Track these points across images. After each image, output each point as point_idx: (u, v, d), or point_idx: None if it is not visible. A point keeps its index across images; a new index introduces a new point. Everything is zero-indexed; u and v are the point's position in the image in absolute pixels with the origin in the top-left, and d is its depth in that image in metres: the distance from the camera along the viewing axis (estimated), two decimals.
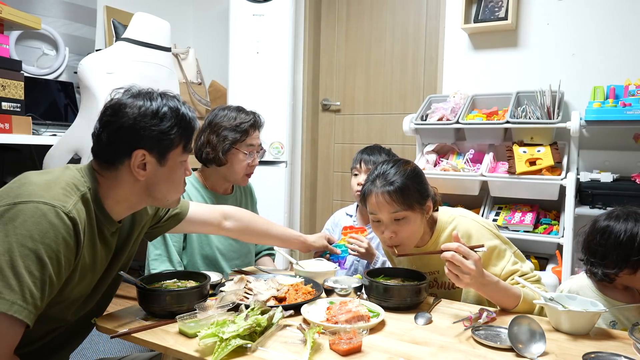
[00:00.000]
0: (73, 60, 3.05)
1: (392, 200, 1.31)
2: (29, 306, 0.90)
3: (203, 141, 1.72)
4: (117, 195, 1.11)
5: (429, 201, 1.38)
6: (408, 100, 3.39)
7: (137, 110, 1.08)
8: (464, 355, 1.00)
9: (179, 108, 1.13)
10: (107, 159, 1.09)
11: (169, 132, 1.10)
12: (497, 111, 2.64)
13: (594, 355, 0.98)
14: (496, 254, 1.37)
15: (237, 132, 1.70)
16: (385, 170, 1.36)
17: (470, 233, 1.38)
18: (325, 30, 3.73)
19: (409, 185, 1.32)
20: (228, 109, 1.75)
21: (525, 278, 1.32)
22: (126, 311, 1.20)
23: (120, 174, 1.09)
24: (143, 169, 1.09)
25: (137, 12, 2.45)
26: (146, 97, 1.11)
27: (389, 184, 1.32)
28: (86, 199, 1.04)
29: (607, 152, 2.53)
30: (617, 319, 1.31)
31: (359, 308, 1.12)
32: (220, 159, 1.69)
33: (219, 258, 1.73)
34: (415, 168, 1.40)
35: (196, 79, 3.58)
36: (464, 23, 2.84)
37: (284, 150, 3.41)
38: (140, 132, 1.08)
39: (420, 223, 1.37)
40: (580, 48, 2.65)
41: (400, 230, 1.34)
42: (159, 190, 1.14)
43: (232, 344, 0.96)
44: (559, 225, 2.43)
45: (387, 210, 1.33)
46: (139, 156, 1.08)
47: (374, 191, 1.34)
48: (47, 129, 2.57)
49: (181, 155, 1.15)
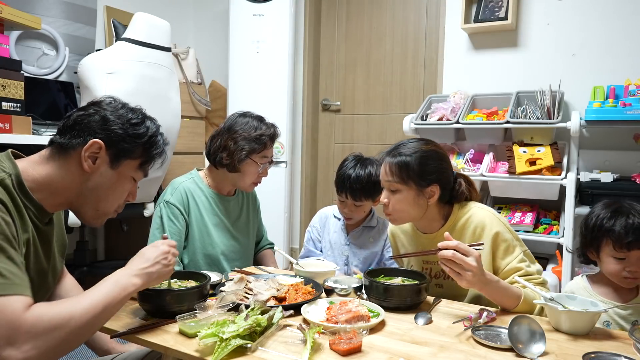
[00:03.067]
0: (73, 60, 3.05)
1: (391, 171, 1.39)
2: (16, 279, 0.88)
3: (220, 145, 1.70)
4: (55, 187, 1.06)
5: (432, 186, 1.38)
6: (408, 100, 3.39)
7: (117, 110, 1.10)
8: (464, 355, 1.00)
9: (156, 131, 1.15)
10: (63, 141, 1.06)
11: (134, 139, 1.10)
12: (497, 111, 2.64)
13: (594, 355, 0.98)
14: (505, 248, 1.37)
15: (256, 143, 1.68)
16: (401, 144, 1.44)
17: (484, 224, 1.39)
18: (325, 30, 3.73)
19: (410, 163, 1.37)
20: (250, 117, 1.73)
21: (528, 279, 1.33)
22: (126, 311, 1.20)
23: (68, 162, 1.06)
24: (93, 162, 1.06)
25: (137, 12, 2.45)
26: (134, 110, 1.14)
27: (394, 156, 1.40)
28: (5, 185, 0.97)
29: (607, 152, 2.53)
30: (612, 319, 1.32)
31: (359, 308, 1.12)
32: (235, 167, 1.69)
33: (221, 258, 1.73)
34: (429, 151, 1.41)
35: (196, 79, 3.58)
36: (464, 23, 2.84)
37: (284, 150, 3.41)
38: (108, 125, 1.07)
39: (413, 202, 1.39)
40: (581, 48, 2.65)
41: (392, 200, 1.40)
42: (96, 194, 1.09)
43: (232, 344, 0.96)
44: (559, 225, 2.43)
45: (385, 178, 1.42)
46: (95, 146, 1.05)
47: (383, 160, 1.44)
48: (47, 129, 2.57)
49: (134, 171, 1.14)
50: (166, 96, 2.57)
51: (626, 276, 1.30)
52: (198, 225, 1.70)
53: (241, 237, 1.82)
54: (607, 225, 1.31)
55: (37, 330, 0.86)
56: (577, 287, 1.40)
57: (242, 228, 1.83)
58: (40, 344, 0.86)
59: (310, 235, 1.97)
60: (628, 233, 1.27)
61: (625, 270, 1.29)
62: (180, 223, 1.66)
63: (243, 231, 1.83)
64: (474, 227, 1.40)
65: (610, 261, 1.31)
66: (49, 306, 0.91)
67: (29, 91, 2.38)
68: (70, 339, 0.90)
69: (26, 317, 0.86)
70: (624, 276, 1.30)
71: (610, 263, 1.32)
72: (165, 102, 2.57)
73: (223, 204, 1.77)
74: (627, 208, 1.32)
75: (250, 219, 1.88)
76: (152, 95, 2.44)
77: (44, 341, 0.86)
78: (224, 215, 1.77)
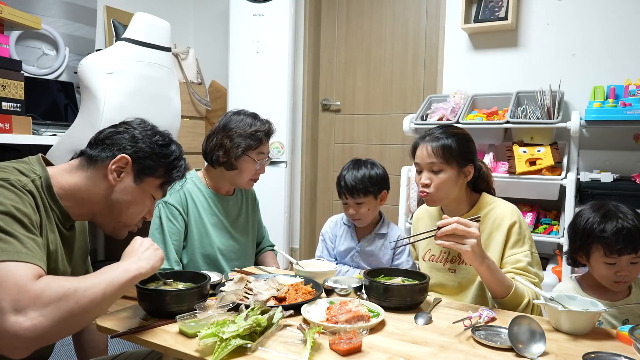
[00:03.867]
0: (73, 60, 3.05)
1: (433, 152, 1.48)
2: (36, 254, 0.93)
3: (216, 143, 1.71)
4: (81, 196, 1.13)
5: (469, 166, 1.50)
6: (408, 100, 3.39)
7: (145, 130, 1.19)
8: (464, 355, 1.00)
9: (180, 155, 1.22)
10: (93, 153, 1.14)
11: (160, 158, 1.18)
12: (497, 111, 2.64)
13: (594, 355, 0.98)
14: (515, 240, 1.44)
15: (251, 139, 1.69)
16: (435, 129, 1.54)
17: (504, 215, 1.47)
18: (325, 30, 3.73)
19: (450, 144, 1.47)
20: (244, 115, 1.74)
21: (525, 276, 1.37)
22: (126, 311, 1.20)
23: (95, 174, 1.13)
24: (118, 176, 1.13)
25: (137, 12, 2.44)
26: (161, 133, 1.21)
27: (434, 139, 1.49)
28: (36, 185, 1.05)
29: (607, 152, 2.53)
30: (603, 318, 1.33)
31: (359, 308, 1.12)
32: (232, 164, 1.70)
33: (220, 258, 1.73)
34: (463, 134, 1.53)
35: (196, 78, 3.58)
36: (464, 23, 2.84)
37: (284, 150, 3.41)
38: (136, 143, 1.15)
39: (454, 181, 1.48)
40: (581, 48, 2.65)
41: (434, 179, 1.48)
42: (118, 206, 1.16)
43: (232, 344, 0.95)
44: (559, 225, 2.43)
45: (427, 160, 1.49)
46: (122, 161, 1.13)
47: (420, 144, 1.52)
48: (47, 129, 2.57)
49: (155, 189, 1.20)
50: (166, 96, 2.57)
51: (617, 280, 1.29)
52: (197, 225, 1.71)
53: (240, 237, 1.82)
54: (596, 231, 1.29)
55: (44, 299, 0.87)
56: (566, 288, 1.39)
57: (241, 227, 1.83)
58: (47, 313, 0.86)
59: (324, 244, 1.92)
60: (618, 239, 1.25)
61: (616, 274, 1.28)
62: (179, 223, 1.67)
63: (242, 231, 1.83)
64: (495, 217, 1.48)
65: (601, 267, 1.30)
66: (56, 278, 0.93)
67: (29, 91, 2.38)
68: (76, 311, 0.90)
69: (34, 284, 0.87)
70: (615, 280, 1.29)
71: (602, 269, 1.30)
72: (166, 102, 2.56)
73: (222, 204, 1.77)
74: (614, 211, 1.30)
75: (249, 219, 1.88)
76: (152, 95, 2.44)
77: (51, 311, 0.87)
78: (223, 215, 1.77)
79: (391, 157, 3.43)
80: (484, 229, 1.48)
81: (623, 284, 1.31)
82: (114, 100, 2.21)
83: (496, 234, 1.46)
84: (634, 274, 1.29)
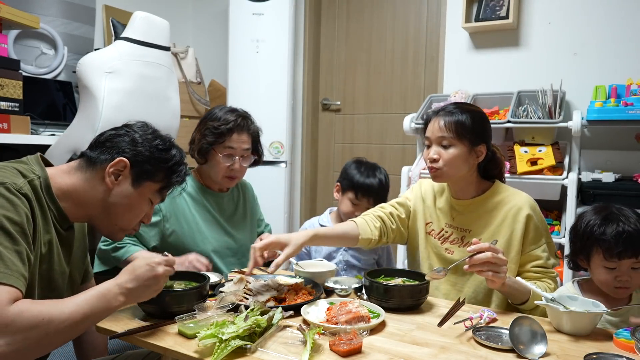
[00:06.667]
0: (72, 60, 3.04)
1: (445, 126, 1.43)
2: (14, 273, 0.91)
3: (192, 138, 1.74)
4: (79, 198, 1.12)
5: (482, 146, 1.45)
6: (408, 99, 3.38)
7: (146, 134, 1.17)
8: (465, 356, 0.99)
9: (181, 160, 1.20)
10: (92, 155, 1.13)
11: (159, 162, 1.16)
12: (498, 111, 2.64)
13: (595, 356, 0.98)
14: (534, 236, 1.43)
15: (214, 134, 1.66)
16: (450, 104, 1.50)
17: (521, 206, 1.44)
18: (325, 30, 3.72)
19: (466, 121, 1.43)
20: (219, 109, 1.74)
21: (545, 272, 1.43)
22: (125, 311, 1.19)
23: (93, 176, 1.12)
24: (115, 179, 1.12)
25: (136, 11, 2.43)
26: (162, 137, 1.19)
27: (448, 114, 1.45)
28: (34, 185, 1.05)
29: (609, 151, 2.53)
30: (602, 325, 1.30)
31: (359, 309, 1.12)
32: (202, 159, 1.70)
33: (212, 255, 1.70)
34: (478, 112, 1.49)
35: (195, 78, 3.57)
36: (465, 22, 2.83)
37: (283, 150, 3.41)
38: (136, 147, 1.14)
39: (464, 159, 1.43)
40: (582, 47, 2.64)
41: (443, 154, 1.43)
42: (114, 209, 1.14)
43: (232, 345, 0.95)
44: (561, 225, 2.42)
45: (438, 134, 1.45)
46: (120, 164, 1.12)
47: (433, 118, 1.49)
48: (45, 128, 2.56)
49: (153, 194, 1.18)
50: (165, 95, 2.56)
51: (617, 286, 1.26)
52: (187, 222, 1.69)
53: (237, 234, 1.80)
54: (596, 234, 1.27)
55: (14, 327, 0.86)
56: (566, 291, 1.37)
57: (237, 224, 1.81)
58: (13, 342, 0.86)
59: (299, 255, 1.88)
60: (618, 243, 1.22)
61: (616, 279, 1.25)
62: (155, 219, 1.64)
63: (239, 227, 1.81)
64: (509, 207, 1.45)
65: (601, 271, 1.28)
66: (33, 304, 0.91)
67: (28, 91, 2.37)
68: (45, 342, 0.90)
69: (8, 309, 0.86)
70: (615, 286, 1.26)
71: (602, 273, 1.28)
72: (165, 102, 2.55)
73: (215, 200, 1.76)
74: (616, 214, 1.28)
75: (247, 215, 1.86)
76: (151, 95, 2.43)
77: (18, 339, 0.86)
78: (216, 211, 1.75)
79: (391, 157, 3.42)
80: (496, 215, 1.45)
81: (624, 290, 1.28)
82: (113, 100, 2.20)
83: (512, 223, 1.43)
84: (635, 280, 1.26)
